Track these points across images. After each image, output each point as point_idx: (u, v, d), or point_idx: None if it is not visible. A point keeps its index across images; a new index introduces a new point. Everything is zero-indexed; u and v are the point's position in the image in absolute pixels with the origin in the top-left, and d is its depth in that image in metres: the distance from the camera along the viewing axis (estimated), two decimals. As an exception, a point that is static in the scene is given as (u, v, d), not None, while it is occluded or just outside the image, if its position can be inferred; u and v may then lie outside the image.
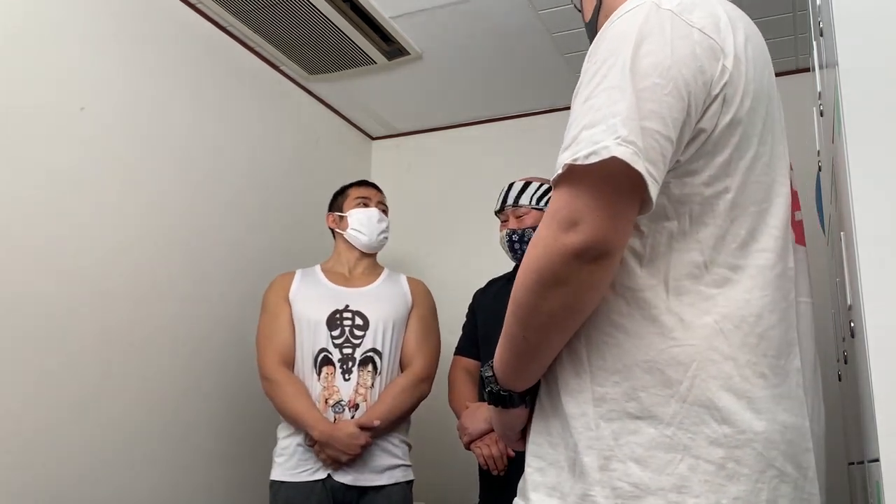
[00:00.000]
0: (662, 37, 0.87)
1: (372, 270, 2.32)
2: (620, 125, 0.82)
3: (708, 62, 0.88)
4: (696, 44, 0.88)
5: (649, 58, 0.86)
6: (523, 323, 0.90)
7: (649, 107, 0.83)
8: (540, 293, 0.86)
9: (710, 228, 0.90)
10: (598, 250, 0.82)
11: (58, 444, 1.86)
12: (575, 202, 0.83)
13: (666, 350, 0.87)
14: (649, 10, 0.89)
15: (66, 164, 1.95)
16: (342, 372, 2.08)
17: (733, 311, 0.89)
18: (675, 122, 0.85)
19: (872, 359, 0.82)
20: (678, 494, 0.83)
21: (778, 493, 0.86)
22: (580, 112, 0.87)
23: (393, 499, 2.07)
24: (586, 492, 0.87)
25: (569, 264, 0.83)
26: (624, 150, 0.80)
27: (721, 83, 0.89)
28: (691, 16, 0.90)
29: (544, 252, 0.84)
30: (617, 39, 0.88)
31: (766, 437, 0.86)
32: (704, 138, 0.90)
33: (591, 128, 0.83)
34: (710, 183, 0.91)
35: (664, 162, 0.85)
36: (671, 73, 0.85)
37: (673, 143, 0.85)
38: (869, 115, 0.90)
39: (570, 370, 0.93)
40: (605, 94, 0.85)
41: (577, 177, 0.83)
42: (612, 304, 0.90)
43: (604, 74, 0.86)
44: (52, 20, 1.95)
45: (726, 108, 0.90)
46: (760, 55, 0.98)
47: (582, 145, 0.83)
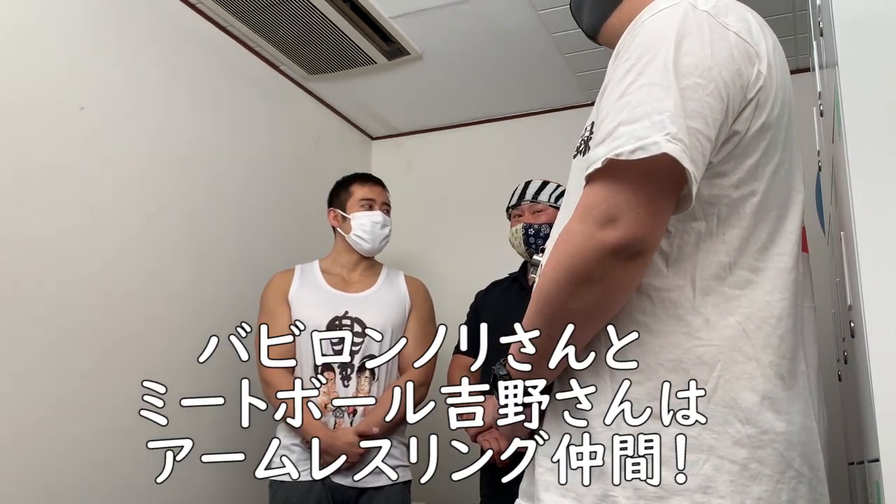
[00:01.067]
0: (702, 37, 0.87)
1: (371, 272, 2.32)
2: (669, 122, 0.81)
3: (744, 66, 0.88)
4: (734, 46, 0.88)
5: (690, 57, 0.85)
6: (548, 320, 0.89)
7: (692, 106, 0.83)
8: (570, 290, 0.85)
9: (736, 230, 0.90)
10: (636, 248, 0.82)
11: (58, 445, 1.86)
12: (615, 198, 0.82)
13: (692, 349, 0.87)
14: (687, 10, 0.88)
15: (66, 163, 1.95)
16: (342, 378, 2.10)
17: (755, 312, 0.89)
18: (715, 123, 0.85)
19: (872, 359, 0.82)
20: (703, 495, 0.83)
21: (797, 494, 0.86)
22: (614, 108, 0.85)
23: (392, 499, 2.08)
24: (606, 492, 0.86)
25: (605, 261, 0.82)
26: (674, 146, 0.80)
27: (756, 87, 0.89)
28: (727, 19, 0.90)
29: (579, 248, 0.83)
30: (653, 37, 0.87)
31: (787, 437, 0.87)
32: (737, 141, 0.90)
33: (632, 123, 0.82)
34: (739, 185, 0.91)
35: (704, 162, 0.85)
36: (712, 74, 0.85)
37: (712, 144, 0.85)
38: (869, 115, 0.90)
39: (588, 369, 0.92)
40: (645, 91, 0.84)
41: (618, 172, 0.82)
42: (635, 302, 0.89)
43: (639, 71, 0.85)
44: (52, 20, 1.94)
45: (759, 113, 0.90)
46: (783, 62, 0.98)
47: (623, 140, 0.82)
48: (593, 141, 0.87)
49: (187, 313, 2.30)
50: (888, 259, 0.84)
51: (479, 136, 3.31)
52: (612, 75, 0.90)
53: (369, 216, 2.26)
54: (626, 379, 0.88)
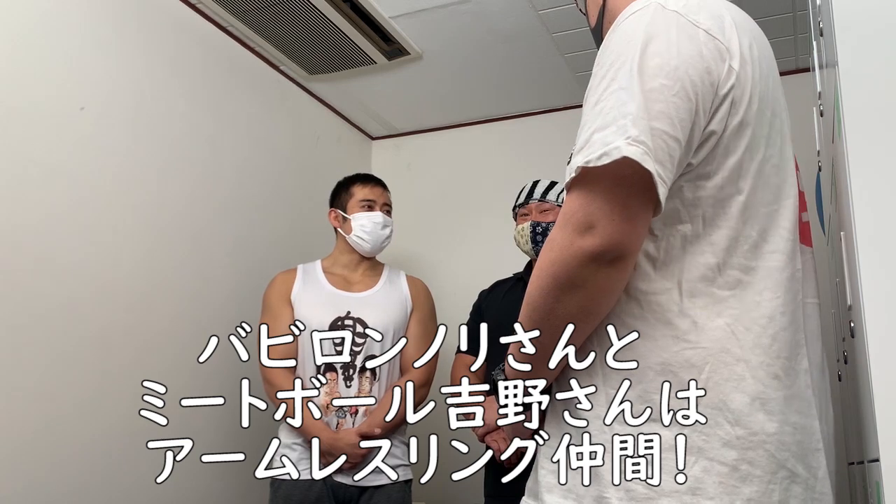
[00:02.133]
0: (668, 37, 0.87)
1: (372, 272, 2.32)
2: (630, 125, 0.82)
3: (714, 63, 0.88)
4: (703, 44, 0.88)
5: (656, 59, 0.85)
6: (537, 325, 0.90)
7: (657, 107, 0.83)
8: (556, 296, 0.86)
9: (723, 231, 0.91)
10: (615, 253, 0.83)
11: (58, 445, 1.86)
12: (590, 205, 0.83)
13: (679, 352, 0.87)
14: (655, 11, 0.89)
15: (66, 163, 1.95)
16: (344, 378, 2.10)
17: (744, 312, 0.89)
18: (683, 123, 0.85)
19: (872, 359, 0.82)
20: (693, 496, 0.83)
21: (789, 494, 0.86)
22: (590, 116, 0.87)
23: (393, 497, 2.08)
24: (601, 494, 0.87)
25: (585, 267, 0.83)
26: (634, 149, 0.80)
27: (728, 84, 0.89)
28: (697, 17, 0.90)
29: (560, 255, 0.84)
30: (623, 42, 0.88)
31: (778, 438, 0.86)
32: (715, 141, 0.90)
33: (603, 130, 0.84)
34: (723, 185, 0.91)
35: (672, 163, 0.85)
36: (678, 74, 0.85)
37: (681, 145, 0.86)
38: (869, 115, 0.90)
39: (584, 371, 0.92)
40: (614, 97, 0.85)
41: (591, 179, 0.83)
42: (624, 306, 0.90)
43: (612, 78, 0.86)
44: (52, 20, 1.94)
45: (734, 110, 0.90)
46: (766, 58, 0.98)
47: (594, 147, 0.83)
48: (574, 149, 0.88)
49: (187, 313, 2.30)
50: (888, 259, 0.84)
51: (479, 136, 3.31)
52: (591, 81, 0.91)
53: (370, 217, 2.27)
54: (625, 379, 0.89)
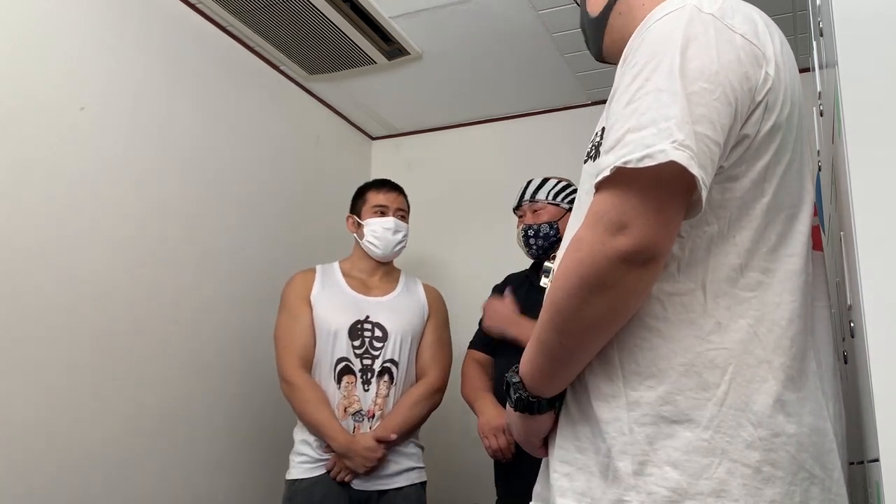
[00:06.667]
0: (707, 41, 0.86)
1: (390, 277, 2.33)
2: (676, 129, 0.81)
3: (752, 68, 0.88)
4: (740, 49, 0.88)
5: (695, 61, 0.85)
6: (561, 329, 0.88)
7: (700, 111, 0.83)
8: (583, 298, 0.84)
9: (747, 232, 0.90)
10: (648, 254, 0.82)
11: (57, 445, 1.86)
12: (624, 205, 0.82)
13: (703, 353, 0.87)
14: (692, 13, 0.88)
15: (66, 163, 1.95)
16: (362, 382, 2.11)
17: (766, 314, 0.89)
18: (724, 128, 0.85)
19: (872, 359, 0.82)
20: (717, 499, 0.83)
21: (809, 496, 0.86)
22: (622, 115, 0.85)
23: (410, 499, 2.11)
24: (621, 497, 0.86)
25: (617, 268, 0.82)
26: (681, 154, 0.79)
27: (764, 90, 0.89)
28: (733, 21, 0.89)
29: (590, 255, 0.83)
30: (659, 42, 0.87)
31: (798, 439, 0.86)
32: (748, 144, 0.89)
33: (639, 130, 0.82)
34: (750, 188, 0.90)
35: (713, 167, 0.85)
36: (719, 79, 0.85)
37: (721, 149, 0.85)
38: (869, 115, 0.89)
39: (601, 375, 0.91)
40: (651, 97, 0.83)
41: (626, 179, 0.82)
42: (646, 307, 0.89)
43: (646, 77, 0.85)
44: (53, 20, 1.95)
45: (768, 115, 0.90)
46: (791, 61, 0.98)
47: (630, 147, 0.82)
48: (603, 147, 0.87)
49: (187, 313, 2.30)
50: (888, 259, 0.84)
51: (479, 136, 3.31)
52: (621, 80, 0.90)
53: (381, 222, 2.27)
54: (639, 384, 0.88)
